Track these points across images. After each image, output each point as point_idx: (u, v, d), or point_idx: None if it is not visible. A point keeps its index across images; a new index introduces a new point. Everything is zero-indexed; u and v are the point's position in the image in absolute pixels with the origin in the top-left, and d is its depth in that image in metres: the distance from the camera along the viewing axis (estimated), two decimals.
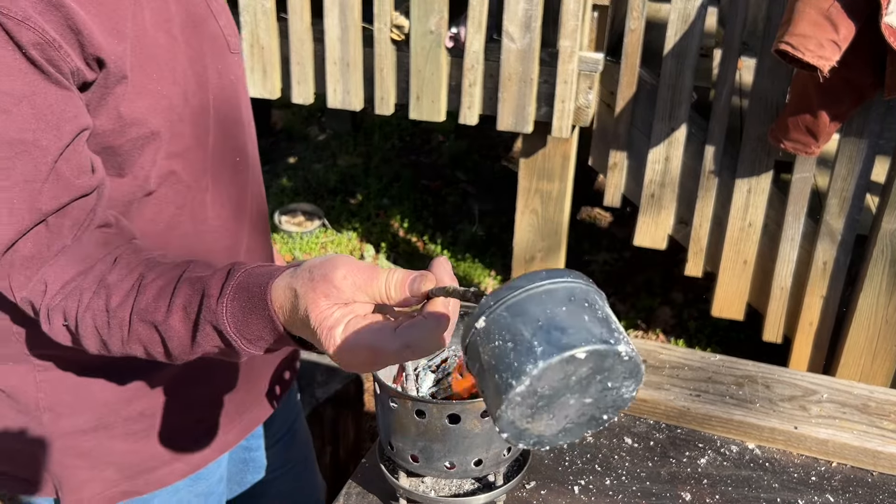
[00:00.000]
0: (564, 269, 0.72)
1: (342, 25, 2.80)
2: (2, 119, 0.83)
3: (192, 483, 1.26)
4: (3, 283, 0.91)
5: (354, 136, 5.08)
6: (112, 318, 0.89)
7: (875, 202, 2.80)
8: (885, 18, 2.13)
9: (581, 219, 4.23)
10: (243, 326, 0.84)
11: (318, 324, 0.77)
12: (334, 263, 0.78)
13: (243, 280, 0.84)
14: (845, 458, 1.43)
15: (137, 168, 1.00)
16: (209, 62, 1.08)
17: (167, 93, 0.99)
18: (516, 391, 0.65)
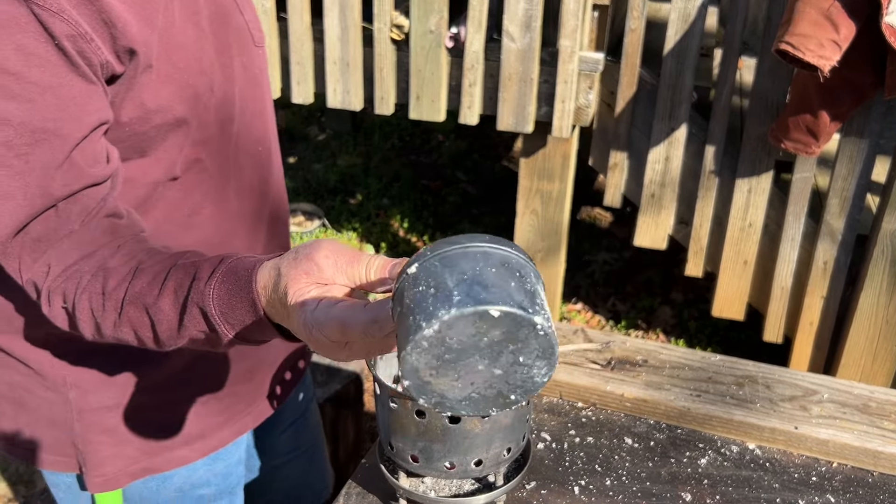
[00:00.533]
0: (509, 241, 0.72)
1: (342, 25, 2.80)
2: (27, 107, 0.86)
3: (210, 462, 1.28)
4: (12, 265, 0.93)
5: (354, 136, 5.08)
6: (107, 301, 0.90)
7: (875, 202, 2.80)
8: (885, 18, 2.13)
9: (581, 219, 4.23)
10: (227, 309, 0.84)
11: (293, 299, 0.78)
12: (319, 244, 0.80)
13: (234, 264, 0.85)
14: (846, 458, 1.43)
15: (162, 153, 1.03)
16: (235, 54, 1.11)
17: (193, 82, 1.02)
18: (424, 333, 0.65)
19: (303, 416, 1.54)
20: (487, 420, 1.13)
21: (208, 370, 1.23)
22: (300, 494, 1.58)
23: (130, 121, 0.97)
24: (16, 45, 0.84)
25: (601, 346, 1.67)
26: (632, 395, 1.52)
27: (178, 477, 1.25)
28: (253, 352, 1.28)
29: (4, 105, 0.85)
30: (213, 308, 0.84)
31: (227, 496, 1.33)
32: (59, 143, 0.88)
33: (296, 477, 1.55)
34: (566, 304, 3.58)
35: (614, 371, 1.59)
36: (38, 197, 0.89)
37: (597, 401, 1.55)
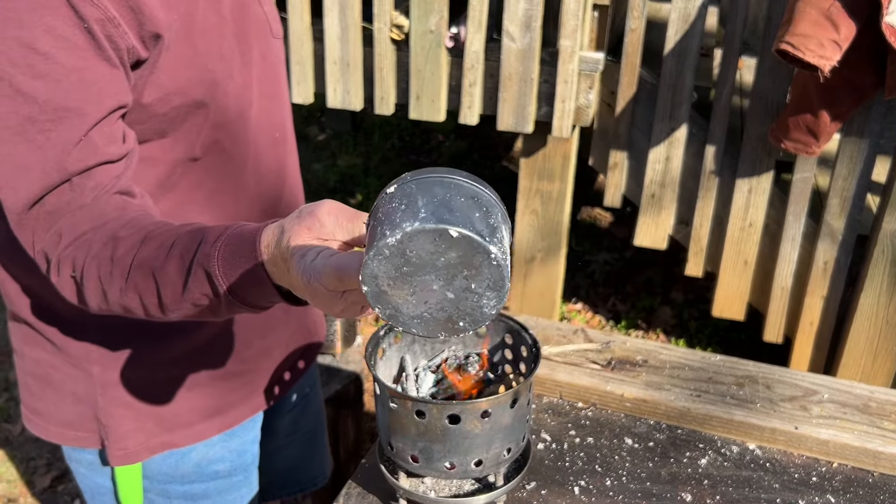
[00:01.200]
0: (487, 184, 0.76)
1: (342, 25, 2.80)
2: (52, 86, 0.90)
3: (226, 439, 1.31)
4: (26, 237, 0.96)
5: (354, 136, 5.08)
6: (115, 268, 0.92)
7: (876, 202, 2.80)
8: (885, 18, 2.13)
9: (581, 219, 4.23)
10: (230, 269, 0.87)
11: (293, 252, 0.81)
12: (322, 203, 0.85)
13: (240, 228, 0.88)
14: (846, 458, 1.43)
15: (182, 134, 1.07)
16: (254, 43, 1.16)
17: (213, 67, 1.07)
18: (387, 241, 0.69)
19: (305, 400, 1.57)
20: (488, 420, 1.13)
21: (226, 348, 1.26)
22: (297, 478, 1.61)
23: (152, 103, 1.01)
24: (46, 27, 0.88)
25: (601, 346, 1.67)
26: (632, 395, 1.52)
27: (196, 453, 1.28)
28: (270, 330, 1.32)
29: (32, 83, 0.89)
30: (216, 269, 0.87)
31: (241, 473, 1.36)
32: (79, 122, 0.92)
33: (293, 459, 1.58)
34: (566, 303, 3.58)
35: (614, 371, 1.59)
36: (55, 171, 0.92)
37: (597, 401, 1.55)
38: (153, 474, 1.27)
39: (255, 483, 1.41)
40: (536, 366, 1.20)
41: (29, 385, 1.25)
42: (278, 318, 1.34)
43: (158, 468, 1.27)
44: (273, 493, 1.59)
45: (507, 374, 1.33)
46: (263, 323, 1.30)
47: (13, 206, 0.94)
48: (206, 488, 1.32)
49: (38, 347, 1.20)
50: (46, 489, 2.60)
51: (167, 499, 1.30)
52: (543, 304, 3.18)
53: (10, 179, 0.93)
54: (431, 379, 1.34)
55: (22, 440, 2.77)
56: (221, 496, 1.34)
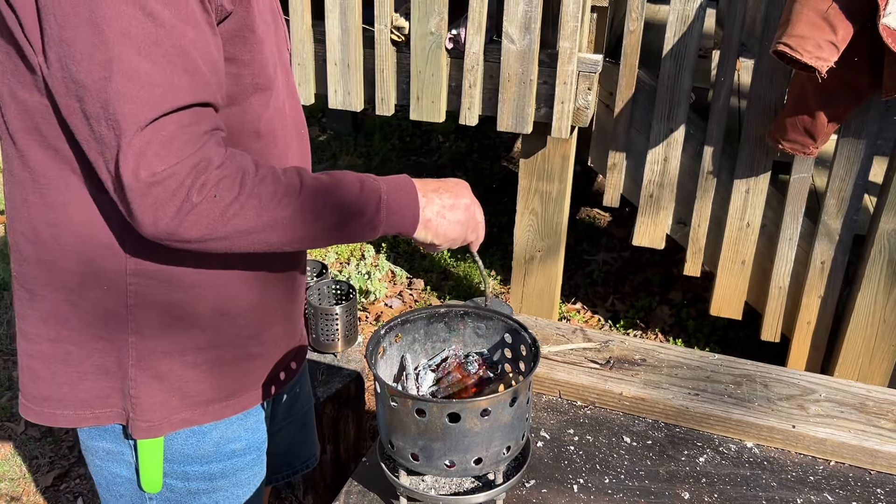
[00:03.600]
0: None
1: (343, 27, 2.81)
2: (176, 17, 0.98)
3: (243, 418, 1.34)
4: (128, 161, 0.97)
5: (355, 137, 5.09)
6: (278, 185, 1.07)
7: (873, 202, 2.81)
8: (882, 20, 2.14)
9: (580, 219, 4.24)
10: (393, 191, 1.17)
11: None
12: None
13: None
14: (843, 457, 1.44)
15: (248, 106, 1.15)
16: (281, 50, 1.25)
17: (269, 60, 1.16)
18: None
19: (298, 384, 1.61)
20: (487, 419, 1.14)
21: (253, 329, 1.30)
22: (289, 461, 1.65)
23: (228, 60, 1.10)
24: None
25: (600, 346, 1.68)
26: (630, 393, 1.53)
27: (217, 432, 1.31)
28: (287, 317, 1.37)
29: (162, 9, 0.96)
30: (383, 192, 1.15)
31: (255, 451, 1.39)
32: (195, 57, 1.00)
33: (287, 443, 1.62)
34: (565, 303, 3.59)
35: (613, 370, 1.60)
36: (182, 93, 0.98)
37: (595, 399, 1.56)
38: (174, 456, 1.29)
39: (264, 462, 1.44)
40: (536, 365, 1.21)
41: (36, 370, 1.24)
42: (292, 309, 1.39)
43: (180, 449, 1.29)
44: (269, 476, 1.62)
45: (507, 373, 1.34)
46: (284, 309, 1.35)
47: (131, 122, 0.95)
48: (223, 467, 1.34)
49: (60, 325, 1.20)
50: (49, 487, 2.61)
51: (185, 481, 1.32)
52: (542, 303, 3.19)
53: (135, 94, 0.95)
54: (431, 377, 1.35)
55: (25, 438, 2.78)
56: (237, 475, 1.37)
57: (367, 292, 3.59)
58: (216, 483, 1.35)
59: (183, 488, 1.33)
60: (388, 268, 3.79)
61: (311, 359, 2.27)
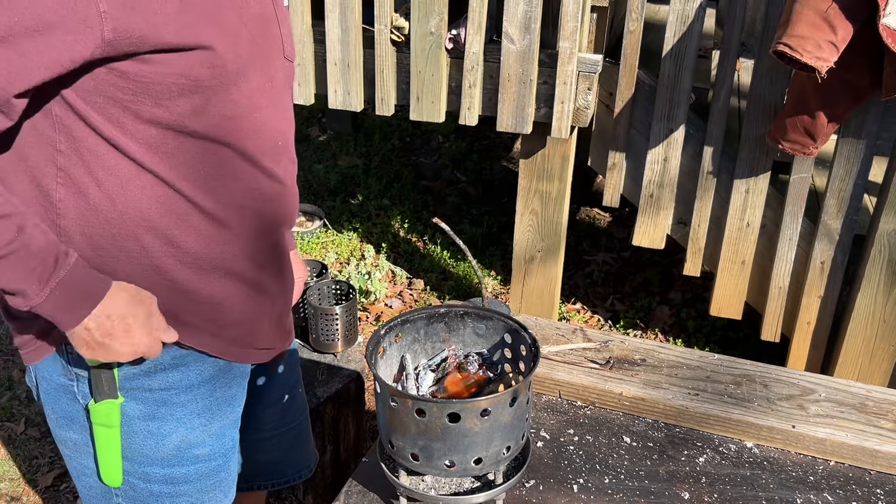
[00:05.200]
0: None
1: (343, 27, 2.81)
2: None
3: (206, 423, 1.34)
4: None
5: (355, 137, 5.09)
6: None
7: (873, 202, 2.81)
8: (882, 20, 2.14)
9: (580, 219, 4.24)
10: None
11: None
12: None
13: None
14: (843, 457, 1.44)
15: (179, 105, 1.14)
16: (270, 56, 1.24)
17: (224, 54, 1.14)
18: None
19: (291, 395, 1.60)
20: (487, 419, 1.14)
21: (250, 291, 1.31)
22: (282, 469, 1.65)
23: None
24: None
25: (600, 346, 1.68)
26: (630, 393, 1.53)
27: (177, 435, 1.30)
28: (279, 299, 1.37)
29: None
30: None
31: (221, 457, 1.38)
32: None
33: (281, 452, 1.62)
34: (565, 303, 3.59)
35: (613, 370, 1.60)
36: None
37: (595, 399, 1.56)
38: (133, 455, 1.30)
39: (233, 469, 1.44)
40: (535, 365, 1.21)
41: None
42: (268, 313, 1.38)
43: (139, 449, 1.29)
44: (260, 483, 1.63)
45: (507, 373, 1.34)
46: (253, 310, 1.33)
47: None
48: (186, 472, 1.34)
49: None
50: (49, 487, 2.61)
51: (147, 482, 1.32)
52: (542, 303, 3.20)
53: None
54: (431, 378, 1.35)
55: (25, 438, 2.78)
56: (201, 481, 1.36)
57: (367, 292, 3.59)
58: (179, 487, 1.34)
59: (145, 489, 1.33)
60: (388, 268, 3.79)
61: (312, 359, 2.28)
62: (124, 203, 1.15)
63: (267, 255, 1.32)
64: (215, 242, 1.23)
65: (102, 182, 1.14)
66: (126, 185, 1.14)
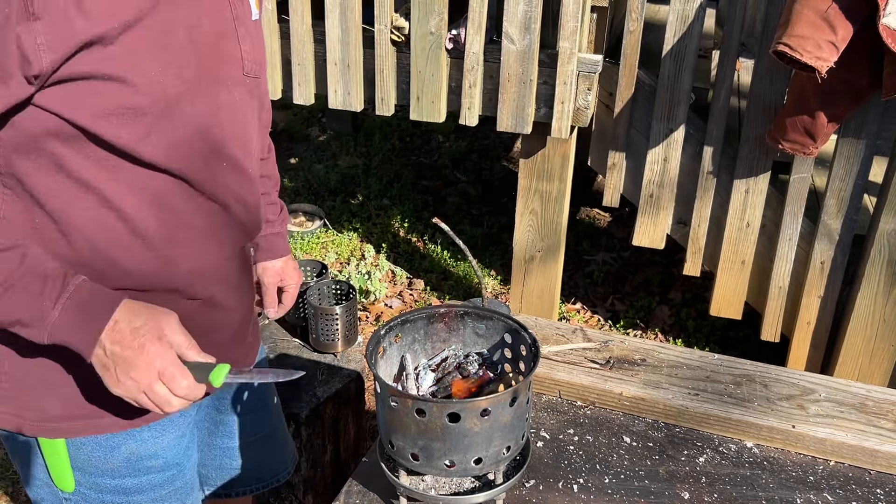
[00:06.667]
0: None
1: (343, 27, 2.81)
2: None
3: (157, 435, 1.32)
4: None
5: (355, 137, 5.09)
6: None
7: (873, 202, 2.81)
8: (882, 20, 2.15)
9: (580, 219, 4.24)
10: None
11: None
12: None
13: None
14: (843, 457, 1.44)
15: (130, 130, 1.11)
16: (224, 77, 1.20)
17: (163, 81, 1.10)
18: None
19: (264, 403, 1.61)
20: (487, 419, 1.14)
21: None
22: (260, 476, 1.65)
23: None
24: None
25: (600, 346, 1.68)
26: (630, 393, 1.53)
27: (126, 447, 1.29)
28: (211, 332, 1.33)
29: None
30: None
31: (175, 467, 1.37)
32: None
33: (257, 459, 1.62)
34: (565, 303, 3.60)
35: (613, 370, 1.61)
36: None
37: (595, 399, 1.56)
38: (83, 465, 1.28)
39: (189, 477, 1.43)
40: (535, 365, 1.21)
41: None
42: (223, 328, 1.36)
43: (88, 459, 1.28)
44: (237, 489, 1.63)
45: (507, 373, 1.34)
46: (207, 325, 1.31)
47: None
48: (138, 483, 1.33)
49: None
50: None
51: (99, 493, 1.31)
52: (542, 303, 3.20)
53: None
54: (431, 377, 1.35)
55: None
56: (154, 491, 1.35)
57: (367, 292, 3.59)
58: (132, 498, 1.33)
59: (97, 499, 1.32)
60: (388, 268, 3.79)
61: (312, 359, 2.28)
62: (66, 224, 1.13)
63: (222, 272, 1.31)
64: (161, 263, 1.21)
65: (45, 203, 1.11)
66: (68, 206, 1.12)
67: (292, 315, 2.33)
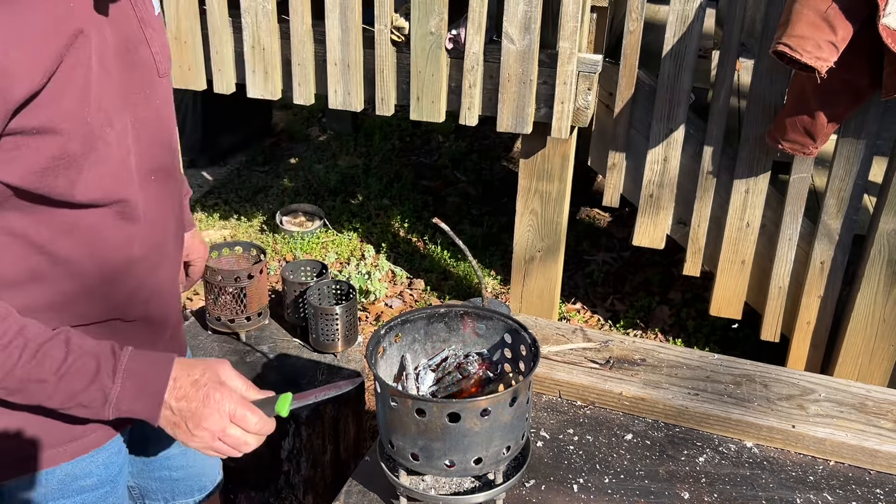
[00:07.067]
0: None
1: (343, 27, 2.81)
2: None
3: (92, 455, 1.28)
4: None
5: (355, 137, 5.09)
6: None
7: (873, 202, 2.82)
8: (882, 20, 2.15)
9: (580, 219, 4.25)
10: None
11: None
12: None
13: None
14: (843, 457, 1.44)
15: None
16: (138, 88, 1.15)
17: (90, 120, 1.05)
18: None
19: None
20: (487, 419, 1.14)
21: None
22: (190, 485, 1.62)
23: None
24: None
25: (600, 345, 1.69)
26: (630, 393, 1.53)
27: (60, 470, 1.27)
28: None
29: None
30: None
31: (108, 484, 1.35)
32: None
33: (188, 467, 1.59)
34: (565, 303, 3.60)
35: (613, 370, 1.61)
36: None
37: (595, 399, 1.56)
38: (12, 492, 1.25)
39: (121, 492, 1.41)
40: (535, 364, 1.21)
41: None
42: (160, 339, 1.35)
43: (16, 485, 1.25)
44: (179, 499, 1.60)
45: (507, 373, 1.34)
46: (147, 341, 1.29)
47: None
48: (73, 503, 1.30)
49: None
50: None
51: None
52: (542, 303, 3.20)
53: None
54: (431, 377, 1.35)
55: None
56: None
57: (367, 292, 3.59)
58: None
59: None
60: (388, 268, 3.79)
61: (312, 359, 2.28)
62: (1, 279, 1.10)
63: (156, 286, 1.28)
64: (98, 296, 1.19)
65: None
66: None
67: (292, 315, 2.33)
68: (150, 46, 1.19)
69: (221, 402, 1.10)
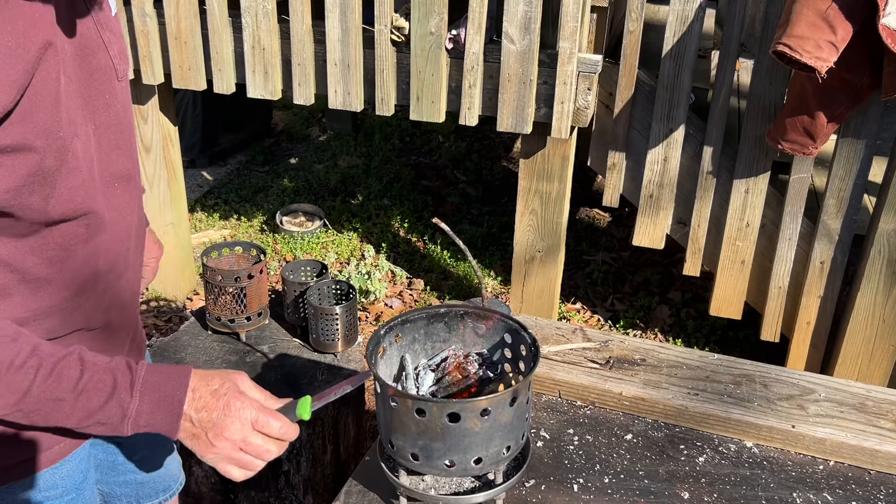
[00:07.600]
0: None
1: (343, 27, 2.82)
2: None
3: (56, 467, 1.27)
4: None
5: (355, 137, 5.09)
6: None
7: (872, 202, 2.82)
8: (882, 20, 2.15)
9: (580, 219, 4.25)
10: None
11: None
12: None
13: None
14: (843, 456, 1.44)
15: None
16: (97, 93, 1.14)
17: (63, 134, 1.04)
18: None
19: None
20: (487, 419, 1.14)
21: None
22: (165, 483, 1.61)
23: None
24: None
25: (600, 345, 1.69)
26: (630, 393, 1.54)
27: (23, 485, 1.25)
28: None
29: None
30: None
31: (74, 491, 1.34)
32: None
33: (158, 467, 1.58)
34: (565, 303, 3.60)
35: (613, 370, 1.61)
36: None
37: (595, 399, 1.57)
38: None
39: (89, 496, 1.39)
40: (535, 364, 1.21)
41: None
42: (121, 344, 1.34)
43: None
44: (131, 502, 1.59)
45: (507, 373, 1.34)
46: (109, 347, 1.29)
47: None
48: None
49: None
50: None
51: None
52: (542, 303, 3.20)
53: None
54: (431, 377, 1.35)
55: None
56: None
57: (367, 292, 3.59)
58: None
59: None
60: (388, 268, 3.79)
61: (312, 359, 2.28)
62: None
63: (117, 294, 1.27)
64: (67, 311, 1.18)
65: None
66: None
67: (292, 315, 2.33)
68: (109, 50, 1.16)
69: (242, 411, 1.08)
